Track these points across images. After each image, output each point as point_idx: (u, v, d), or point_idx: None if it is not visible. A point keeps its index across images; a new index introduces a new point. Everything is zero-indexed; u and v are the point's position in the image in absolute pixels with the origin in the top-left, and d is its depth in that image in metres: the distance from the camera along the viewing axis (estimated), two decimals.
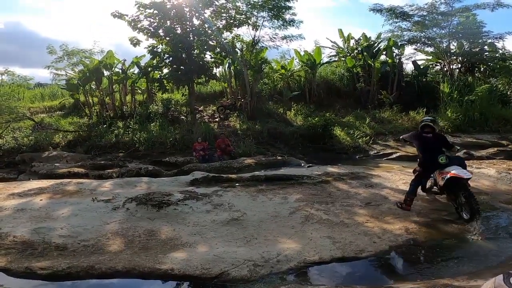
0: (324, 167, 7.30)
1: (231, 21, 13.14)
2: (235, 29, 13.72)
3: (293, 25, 14.26)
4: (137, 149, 10.69)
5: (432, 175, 4.72)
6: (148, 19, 12.31)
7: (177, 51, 12.54)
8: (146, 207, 4.66)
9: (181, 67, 12.69)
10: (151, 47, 12.84)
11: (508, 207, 4.80)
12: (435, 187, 4.86)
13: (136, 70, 15.36)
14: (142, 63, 14.89)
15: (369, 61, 15.97)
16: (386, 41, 16.47)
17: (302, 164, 8.81)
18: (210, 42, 13.02)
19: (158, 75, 14.03)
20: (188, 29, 12.73)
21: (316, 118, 12.27)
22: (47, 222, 4.21)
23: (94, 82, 14.47)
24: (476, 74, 16.77)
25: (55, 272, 3.16)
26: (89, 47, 14.87)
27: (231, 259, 3.35)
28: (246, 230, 4.10)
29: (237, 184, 5.92)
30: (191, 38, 12.67)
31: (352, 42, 17.47)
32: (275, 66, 16.93)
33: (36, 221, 4.23)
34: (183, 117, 13.96)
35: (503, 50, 17.07)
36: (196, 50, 13.01)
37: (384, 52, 16.58)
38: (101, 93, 14.66)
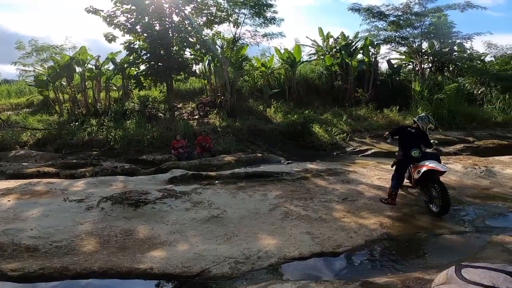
0: (303, 164, 7.40)
1: (212, 18, 12.99)
2: (216, 26, 13.61)
3: (274, 23, 14.32)
4: (112, 147, 10.32)
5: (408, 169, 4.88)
6: (125, 15, 11.92)
7: (155, 47, 12.25)
8: (122, 206, 4.53)
9: (159, 63, 12.41)
10: (127, 43, 12.45)
11: (474, 201, 5.06)
12: (407, 181, 5.07)
13: (111, 66, 14.88)
14: (118, 59, 14.41)
15: (346, 60, 16.34)
16: (363, 40, 16.90)
17: (282, 161, 8.88)
18: (190, 39, 12.82)
19: (135, 72, 13.66)
20: (167, 26, 12.46)
21: (296, 116, 12.40)
22: (15, 223, 4.01)
23: (65, 79, 13.83)
24: (446, 73, 17.52)
25: (27, 273, 3.04)
26: (60, 43, 14.29)
27: (212, 256, 3.34)
28: (227, 227, 4.09)
29: (216, 182, 5.88)
30: (170, 35, 12.41)
31: (331, 40, 17.79)
32: (255, 64, 16.90)
33: (4, 223, 4.02)
34: (161, 115, 13.63)
35: (471, 50, 18.04)
36: (175, 47, 12.77)
37: (361, 51, 17.03)
38: (73, 89, 14.04)
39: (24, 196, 5.09)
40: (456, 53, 17.81)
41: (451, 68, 17.88)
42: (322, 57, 17.77)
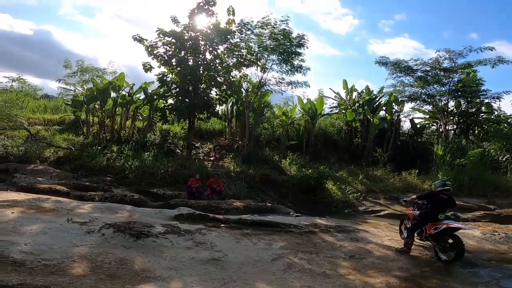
0: (312, 218, 7.15)
1: (242, 60, 13.55)
2: (244, 68, 14.04)
3: (301, 72, 14.46)
4: (126, 176, 10.47)
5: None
6: (165, 46, 12.75)
7: (185, 82, 12.79)
8: (123, 235, 4.45)
9: (186, 99, 12.85)
10: (161, 75, 13.09)
11: (489, 264, 4.91)
12: (417, 237, 5.44)
13: (142, 96, 15.51)
14: (150, 90, 15.07)
15: (368, 116, 16.10)
16: (388, 96, 16.70)
17: (291, 213, 8.61)
18: (218, 79, 13.29)
19: (162, 105, 14.16)
20: (199, 62, 13.09)
21: (310, 170, 12.30)
22: (11, 236, 3.98)
23: (99, 102, 14.53)
24: (470, 137, 16.73)
25: (4, 286, 2.89)
26: (104, 66, 15.23)
27: None
28: (226, 271, 3.89)
29: (222, 225, 5.74)
30: (201, 72, 12.96)
31: (354, 94, 17.74)
32: (276, 112, 17.11)
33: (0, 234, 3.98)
34: (179, 151, 13.87)
35: (498, 111, 17.26)
36: (203, 85, 13.26)
37: (384, 108, 16.77)
38: (103, 114, 14.68)
39: (29, 210, 5.12)
40: (483, 114, 17.10)
41: (476, 132, 17.14)
42: (343, 111, 17.65)
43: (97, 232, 4.47)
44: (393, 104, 16.57)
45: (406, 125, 18.62)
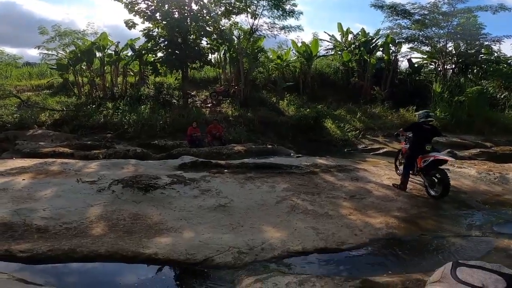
0: (313, 158, 7.34)
1: (230, 8, 12.98)
2: (234, 16, 13.62)
3: (293, 16, 14.09)
4: (126, 130, 10.53)
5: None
6: (146, 2, 12.09)
7: (173, 35, 12.36)
8: (132, 190, 4.61)
9: (176, 51, 12.53)
10: (146, 30, 12.61)
11: (484, 207, 4.96)
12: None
13: (129, 52, 15.08)
14: (137, 46, 14.58)
15: (365, 57, 15.96)
16: (384, 38, 16.43)
17: (292, 154, 8.84)
18: (208, 28, 12.87)
19: (152, 58, 13.81)
20: (186, 14, 12.55)
21: (308, 110, 12.28)
22: (28, 203, 4.11)
23: (85, 63, 14.12)
24: (469, 76, 16.85)
25: (35, 255, 3.08)
26: (83, 28, 14.51)
27: (216, 245, 3.36)
28: (233, 217, 4.11)
29: (225, 171, 5.91)
30: (188, 23, 12.48)
31: (350, 36, 17.40)
32: (271, 56, 16.79)
33: (17, 202, 4.13)
34: (175, 101, 13.78)
35: (498, 53, 17.24)
36: (192, 35, 12.84)
37: (381, 49, 16.58)
38: (92, 73, 14.31)
39: (39, 175, 5.23)
40: (482, 55, 17.08)
41: (475, 71, 17.21)
42: (339, 52, 17.40)
43: (107, 190, 4.63)
44: (390, 45, 16.31)
45: (403, 65, 18.48)
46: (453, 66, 17.30)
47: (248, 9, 13.55)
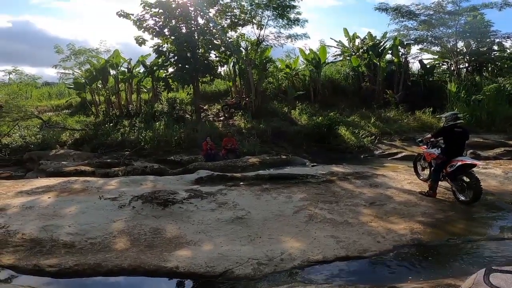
0: (329, 167, 7.29)
1: (236, 20, 13.18)
2: (240, 28, 13.77)
3: (298, 24, 14.28)
4: (142, 147, 10.77)
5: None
6: (154, 18, 12.38)
7: (182, 50, 12.58)
8: (151, 205, 4.71)
9: (186, 66, 12.73)
10: (156, 46, 12.89)
11: None
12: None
13: (141, 69, 15.50)
14: (148, 62, 15.02)
15: (374, 60, 15.85)
16: (392, 40, 16.35)
17: (307, 163, 8.80)
18: (215, 41, 13.06)
19: (164, 74, 14.10)
20: (193, 28, 12.79)
21: (321, 118, 12.22)
22: (54, 220, 4.27)
23: (100, 81, 14.62)
24: (484, 74, 16.48)
25: (63, 269, 3.20)
26: (96, 46, 15.07)
27: (235, 257, 3.37)
28: (250, 228, 4.11)
29: (241, 183, 5.95)
30: (196, 37, 12.73)
31: (357, 41, 17.38)
32: (279, 65, 16.88)
33: (44, 219, 4.30)
34: (188, 116, 14.02)
35: (511, 49, 16.87)
36: (201, 49, 13.06)
37: (389, 51, 16.48)
38: (107, 92, 14.77)
39: (63, 193, 5.43)
40: (495, 52, 16.79)
41: (490, 68, 16.82)
42: (348, 58, 17.38)
43: (128, 206, 4.74)
44: (399, 47, 16.20)
45: (415, 66, 18.32)
46: (467, 65, 17.01)
47: (254, 20, 13.75)
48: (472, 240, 3.80)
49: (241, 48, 14.69)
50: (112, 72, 14.79)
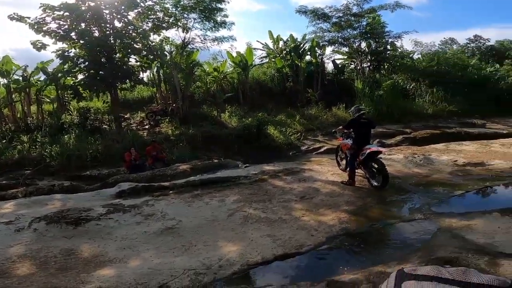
0: (260, 166, 7.33)
1: (159, 23, 12.53)
2: (164, 31, 13.18)
3: (225, 27, 14.29)
4: (48, 164, 9.25)
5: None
6: (57, 21, 10.89)
7: (95, 55, 11.36)
8: (59, 225, 4.06)
9: (100, 72, 11.53)
10: (61, 51, 11.32)
11: (418, 189, 5.41)
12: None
13: (42, 76, 13.55)
14: (50, 68, 13.22)
15: (296, 61, 16.87)
16: (310, 42, 17.57)
17: (239, 165, 8.72)
18: (135, 45, 12.18)
19: (72, 82, 12.54)
20: (108, 32, 11.71)
21: (250, 119, 12.37)
22: None
23: None
24: (382, 71, 18.82)
25: None
26: None
27: (169, 270, 3.13)
28: (183, 238, 3.84)
29: (170, 192, 5.54)
30: (112, 41, 11.67)
31: (281, 43, 18.17)
32: (207, 69, 16.74)
33: None
34: (106, 127, 12.69)
35: (401, 48, 19.73)
36: (118, 54, 12.03)
37: (308, 53, 17.64)
38: None
39: None
40: (389, 51, 19.27)
41: (386, 66, 19.22)
42: (273, 59, 18.10)
43: (28, 229, 4.02)
44: (316, 48, 17.51)
45: (330, 66, 19.93)
46: (369, 64, 19.21)
47: (179, 23, 13.29)
48: (389, 223, 4.14)
49: (165, 52, 14.11)
50: (3, 81, 12.63)
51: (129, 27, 12.01)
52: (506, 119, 14.59)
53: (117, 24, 11.94)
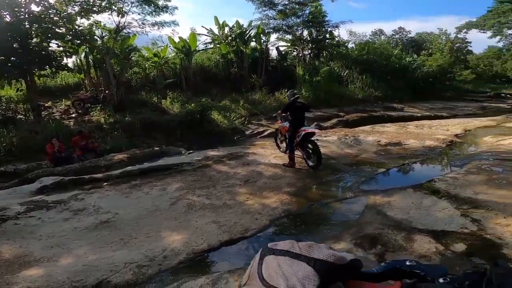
0: (204, 152, 7.18)
1: (88, 7, 11.30)
2: (94, 15, 11.93)
3: (167, 11, 13.54)
4: None
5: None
6: None
7: (6, 40, 9.91)
8: None
9: (13, 58, 10.16)
10: None
11: (350, 168, 5.80)
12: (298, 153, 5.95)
13: None
14: None
15: (241, 47, 16.80)
16: (256, 29, 17.59)
17: (183, 152, 8.40)
18: (57, 30, 10.87)
19: None
20: (22, 17, 10.25)
21: (193, 104, 12.01)
22: None
23: None
24: (321, 59, 19.88)
25: None
26: None
27: (107, 265, 2.92)
28: (122, 231, 3.59)
29: (105, 184, 5.11)
30: (28, 26, 10.33)
31: (226, 29, 17.86)
32: (146, 54, 15.86)
33: None
34: (22, 117, 11.18)
35: (338, 37, 21.02)
36: (35, 39, 10.68)
37: (254, 39, 17.69)
38: None
39: None
40: (328, 40, 20.33)
41: (324, 54, 20.30)
42: (218, 45, 17.75)
43: None
44: (261, 35, 17.62)
45: (274, 53, 20.27)
46: (310, 52, 20.06)
47: (113, 6, 12.18)
48: (326, 203, 4.36)
49: (95, 37, 12.86)
50: None
51: (50, 11, 10.66)
52: (421, 104, 16.87)
53: (35, 8, 10.57)
